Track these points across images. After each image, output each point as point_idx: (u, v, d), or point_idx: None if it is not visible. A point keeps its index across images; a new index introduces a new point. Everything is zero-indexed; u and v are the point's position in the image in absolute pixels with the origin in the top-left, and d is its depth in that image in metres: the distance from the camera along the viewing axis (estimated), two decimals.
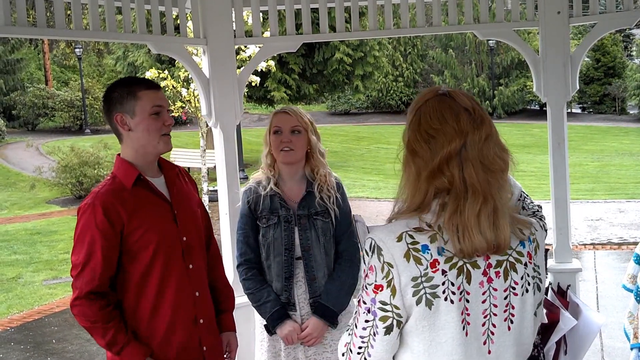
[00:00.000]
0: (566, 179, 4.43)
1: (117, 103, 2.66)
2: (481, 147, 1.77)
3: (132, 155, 2.72)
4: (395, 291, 1.73)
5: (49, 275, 10.22)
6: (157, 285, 2.68)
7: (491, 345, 1.80)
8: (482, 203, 1.74)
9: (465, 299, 1.75)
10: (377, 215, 13.23)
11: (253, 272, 3.28)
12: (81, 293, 2.59)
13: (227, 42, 4.25)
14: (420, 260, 1.72)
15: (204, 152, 9.40)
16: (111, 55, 31.19)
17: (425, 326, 1.74)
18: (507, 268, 1.79)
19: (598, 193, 15.28)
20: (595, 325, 3.62)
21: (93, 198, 2.63)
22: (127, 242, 2.63)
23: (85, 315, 2.61)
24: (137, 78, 2.87)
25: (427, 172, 1.76)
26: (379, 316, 1.76)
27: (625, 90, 33.82)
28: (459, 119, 1.78)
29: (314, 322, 3.19)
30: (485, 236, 1.73)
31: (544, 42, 4.34)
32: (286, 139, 3.20)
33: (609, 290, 7.95)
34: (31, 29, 3.82)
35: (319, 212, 3.22)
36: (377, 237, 1.78)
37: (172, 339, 2.72)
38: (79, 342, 7.10)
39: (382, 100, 38.40)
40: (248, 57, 8.96)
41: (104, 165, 16.18)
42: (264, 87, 21.35)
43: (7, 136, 29.47)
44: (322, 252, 3.20)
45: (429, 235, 1.74)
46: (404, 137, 1.86)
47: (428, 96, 1.84)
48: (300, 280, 3.23)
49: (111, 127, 2.75)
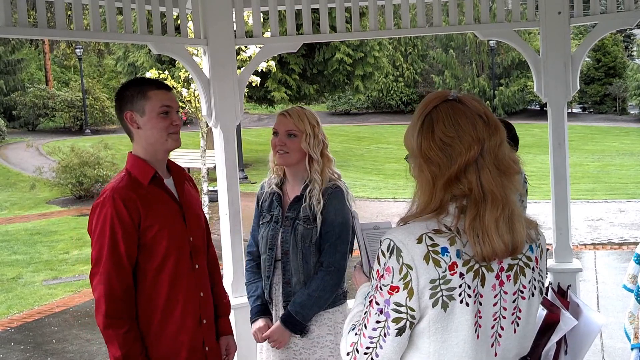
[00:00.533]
0: (566, 179, 4.43)
1: (128, 102, 2.73)
2: (496, 153, 1.78)
3: (143, 152, 2.76)
4: (413, 293, 1.73)
5: (49, 275, 10.22)
6: (169, 284, 2.71)
7: (498, 347, 1.82)
8: (501, 209, 1.76)
9: (479, 301, 1.76)
10: (377, 215, 13.24)
11: (252, 265, 3.38)
12: (108, 311, 2.57)
13: (228, 42, 4.25)
14: (439, 262, 1.72)
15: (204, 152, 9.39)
16: (112, 56, 31.20)
17: (439, 328, 1.74)
18: (517, 272, 1.82)
19: (598, 193, 15.28)
20: (596, 326, 3.62)
21: (112, 192, 2.64)
22: (142, 237, 2.66)
23: (119, 345, 2.59)
24: (149, 79, 2.95)
25: (444, 180, 1.76)
26: (392, 317, 1.75)
27: (626, 90, 33.82)
28: (475, 127, 1.77)
29: (276, 326, 3.18)
30: (504, 240, 1.75)
31: (544, 42, 4.34)
32: (281, 141, 3.20)
33: (609, 291, 7.95)
34: (32, 29, 3.82)
35: (303, 217, 3.16)
36: (396, 238, 1.76)
37: (181, 339, 2.75)
38: (78, 342, 7.10)
39: (382, 101, 38.42)
40: (248, 57, 8.96)
41: (104, 166, 16.19)
42: (264, 88, 21.34)
43: (7, 136, 29.49)
44: (298, 258, 3.16)
45: (448, 237, 1.74)
46: (412, 142, 1.84)
47: (436, 102, 1.83)
48: (279, 282, 3.24)
49: (122, 124, 2.82)
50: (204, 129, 9.47)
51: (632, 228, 11.67)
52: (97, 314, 2.60)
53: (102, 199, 2.65)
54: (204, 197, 9.28)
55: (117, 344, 2.58)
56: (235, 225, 4.22)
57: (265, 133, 30.77)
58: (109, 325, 2.58)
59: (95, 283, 2.62)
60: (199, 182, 11.53)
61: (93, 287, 2.63)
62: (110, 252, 2.59)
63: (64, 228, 13.63)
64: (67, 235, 12.93)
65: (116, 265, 2.60)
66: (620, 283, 4.01)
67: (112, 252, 2.59)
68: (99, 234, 2.62)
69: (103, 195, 2.66)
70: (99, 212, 2.63)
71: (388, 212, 13.31)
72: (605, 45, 34.63)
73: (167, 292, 2.70)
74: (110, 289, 2.58)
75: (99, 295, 2.59)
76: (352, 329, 1.88)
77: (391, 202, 14.73)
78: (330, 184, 3.21)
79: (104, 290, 2.58)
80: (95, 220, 2.64)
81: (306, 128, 3.19)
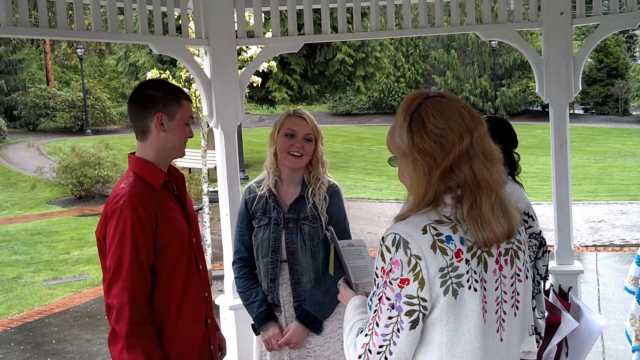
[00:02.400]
0: (568, 180, 4.42)
1: (161, 103, 2.71)
2: (483, 142, 1.85)
3: (153, 155, 2.74)
4: (424, 283, 1.75)
5: (49, 275, 10.21)
6: (182, 286, 2.72)
7: (502, 332, 1.86)
8: (495, 195, 1.83)
9: (484, 287, 1.80)
10: (379, 216, 13.22)
11: (245, 271, 3.32)
12: (132, 317, 2.53)
13: (229, 42, 4.24)
14: (445, 250, 1.76)
15: (204, 152, 9.38)
16: (112, 56, 31.20)
17: (450, 317, 1.77)
18: (513, 255, 1.89)
19: (600, 194, 15.26)
20: (597, 328, 3.61)
21: (130, 197, 2.60)
22: (157, 241, 2.64)
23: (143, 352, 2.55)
24: (178, 87, 2.95)
25: (440, 170, 1.80)
26: (404, 311, 1.76)
27: (628, 91, 33.80)
28: (462, 118, 1.84)
29: (294, 327, 3.18)
30: (502, 224, 1.83)
31: (546, 43, 4.33)
32: (299, 144, 3.18)
33: (610, 292, 7.93)
34: (33, 29, 3.81)
35: (308, 217, 3.20)
36: (401, 231, 1.79)
37: (193, 339, 2.76)
38: (78, 343, 7.09)
39: (383, 101, 38.44)
40: (250, 57, 8.94)
41: (105, 166, 16.18)
42: (265, 88, 21.35)
43: (8, 136, 29.50)
44: (308, 257, 3.18)
45: (450, 226, 1.79)
46: (398, 141, 1.86)
47: (420, 99, 1.87)
48: (286, 282, 3.23)
49: (139, 123, 2.74)
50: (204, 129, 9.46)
51: (634, 230, 11.65)
52: (119, 321, 2.55)
53: (120, 204, 2.59)
54: (204, 198, 9.26)
55: (140, 351, 2.54)
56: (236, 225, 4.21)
57: (266, 134, 30.55)
58: (133, 333, 2.54)
59: (116, 290, 2.56)
60: (199, 182, 11.52)
61: (113, 294, 2.56)
62: (133, 258, 2.56)
63: (64, 228, 13.63)
64: (68, 236, 12.93)
65: (138, 272, 2.57)
66: (622, 285, 4.00)
67: (134, 259, 2.56)
68: (119, 240, 2.57)
69: (120, 200, 2.60)
70: (119, 218, 2.58)
71: (389, 213, 13.28)
72: (608, 46, 34.61)
73: (180, 294, 2.71)
74: (134, 296, 2.55)
75: (121, 301, 2.54)
76: (360, 332, 1.87)
77: (393, 203, 14.70)
78: (331, 184, 3.28)
79: (128, 296, 2.54)
80: (115, 226, 2.58)
81: (320, 132, 3.27)
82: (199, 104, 8.37)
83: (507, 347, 1.87)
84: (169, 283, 2.69)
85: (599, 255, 10.01)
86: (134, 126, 2.77)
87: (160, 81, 2.89)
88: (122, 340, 2.56)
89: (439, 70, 38.38)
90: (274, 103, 24.03)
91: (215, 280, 8.63)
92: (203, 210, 9.29)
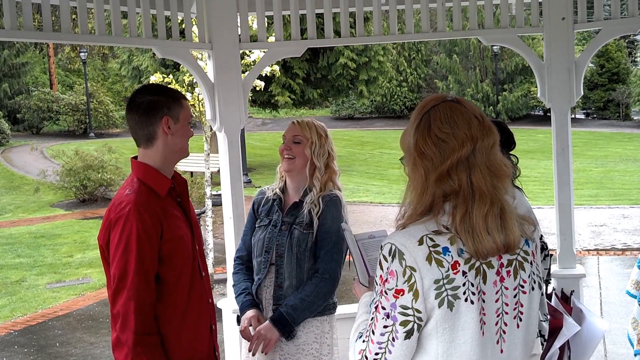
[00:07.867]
0: (570, 185, 4.43)
1: (165, 107, 2.69)
2: (488, 154, 1.83)
3: (160, 160, 2.71)
4: (418, 295, 1.75)
5: (52, 278, 10.23)
6: (186, 294, 2.70)
7: (503, 344, 1.85)
8: (489, 205, 1.79)
9: (482, 299, 1.79)
10: (380, 220, 13.24)
11: (241, 268, 3.43)
12: (138, 327, 2.51)
13: (232, 46, 4.26)
14: (441, 262, 1.76)
15: (207, 156, 9.40)
16: (116, 60, 31.29)
17: (446, 328, 1.77)
18: (517, 267, 1.86)
19: (602, 199, 15.25)
20: (599, 331, 3.61)
21: (136, 205, 2.56)
22: (162, 249, 2.61)
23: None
24: (174, 89, 2.97)
25: (436, 175, 1.80)
26: (399, 321, 1.77)
27: (629, 96, 33.80)
28: (470, 125, 1.83)
29: (266, 325, 3.18)
30: (494, 237, 1.79)
31: (548, 48, 4.34)
32: (287, 146, 3.30)
33: (612, 296, 7.93)
34: (37, 33, 3.83)
35: (300, 223, 3.23)
36: (397, 241, 1.79)
37: (198, 347, 2.75)
38: (82, 346, 7.11)
39: (386, 105, 38.45)
40: (253, 61, 8.96)
41: (108, 169, 16.19)
42: (268, 92, 21.38)
43: (11, 139, 29.55)
44: (292, 262, 3.20)
45: (448, 237, 1.78)
46: (408, 141, 1.88)
47: (435, 102, 1.88)
48: (271, 284, 3.26)
49: (144, 131, 2.69)
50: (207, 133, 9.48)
51: (636, 234, 11.64)
52: (125, 331, 2.52)
53: (125, 212, 2.55)
54: (207, 202, 9.28)
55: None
56: (239, 229, 4.22)
57: (269, 137, 30.80)
58: (139, 342, 2.52)
59: (122, 300, 2.53)
60: (202, 186, 11.54)
61: (119, 303, 2.53)
62: (138, 267, 2.52)
63: (67, 231, 13.65)
64: (71, 239, 12.95)
65: (144, 281, 2.54)
66: (624, 289, 4.01)
67: (140, 268, 2.53)
68: (125, 249, 2.53)
69: (126, 208, 2.56)
70: (124, 226, 2.53)
71: (391, 217, 13.23)
72: (609, 51, 34.63)
73: (184, 303, 2.69)
74: (140, 305, 2.52)
75: (127, 311, 2.52)
76: (359, 337, 1.90)
77: (395, 207, 14.65)
78: (329, 192, 3.28)
79: (134, 306, 2.51)
80: (120, 234, 2.54)
81: (312, 136, 3.28)
82: (202, 108, 8.39)
83: (508, 358, 1.86)
84: (173, 291, 2.66)
85: (601, 259, 10.01)
86: (137, 135, 2.69)
87: (155, 86, 2.89)
88: (128, 350, 2.54)
89: (441, 75, 38.40)
90: (276, 107, 24.05)
91: (218, 284, 8.64)
92: (206, 213, 9.30)
